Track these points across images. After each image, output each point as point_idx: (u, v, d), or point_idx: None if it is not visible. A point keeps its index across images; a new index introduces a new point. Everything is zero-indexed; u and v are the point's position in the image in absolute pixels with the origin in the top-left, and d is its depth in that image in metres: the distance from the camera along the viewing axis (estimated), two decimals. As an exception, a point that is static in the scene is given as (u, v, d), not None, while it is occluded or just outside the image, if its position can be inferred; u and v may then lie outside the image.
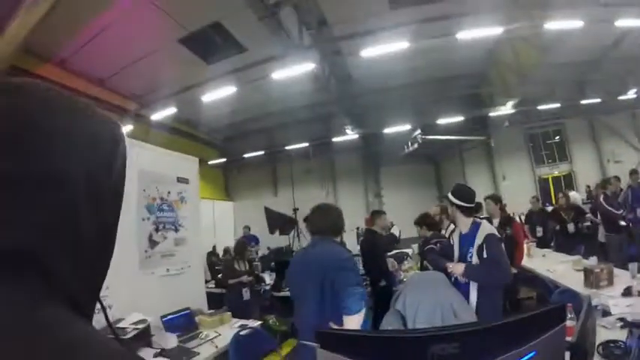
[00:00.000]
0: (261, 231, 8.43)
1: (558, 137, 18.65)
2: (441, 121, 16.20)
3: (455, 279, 3.44)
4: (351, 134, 16.74)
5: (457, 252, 3.55)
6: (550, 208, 8.92)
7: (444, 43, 11.98)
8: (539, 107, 16.58)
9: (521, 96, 14.72)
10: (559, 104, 16.27)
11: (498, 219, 5.79)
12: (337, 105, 13.93)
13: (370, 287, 5.84)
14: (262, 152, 19.83)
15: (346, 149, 19.54)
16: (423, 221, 5.64)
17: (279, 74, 11.19)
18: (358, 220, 13.18)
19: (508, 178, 17.99)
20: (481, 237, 3.30)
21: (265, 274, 8.22)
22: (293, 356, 4.45)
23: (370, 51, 10.90)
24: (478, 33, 10.72)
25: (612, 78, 15.04)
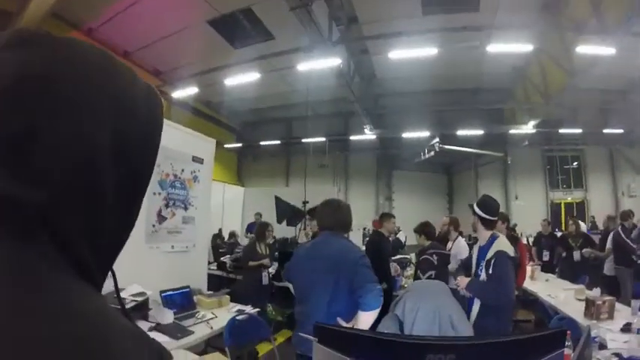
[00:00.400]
0: (268, 219, 8.46)
1: (576, 163, 18.42)
2: (460, 132, 16.14)
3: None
4: (369, 134, 16.69)
5: (474, 264, 3.52)
6: (559, 234, 8.82)
7: (473, 54, 11.91)
8: (560, 130, 16.41)
9: (543, 117, 14.56)
10: (580, 130, 16.07)
11: None
12: (359, 103, 13.89)
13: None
14: (279, 142, 19.96)
15: (362, 148, 19.58)
16: (422, 230, 5.44)
17: (304, 66, 11.20)
18: (366, 221, 13.18)
19: (520, 198, 17.76)
20: (492, 252, 3.24)
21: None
22: (286, 347, 4.48)
23: (398, 53, 10.89)
24: (508, 48, 10.64)
25: (637, 110, 14.80)
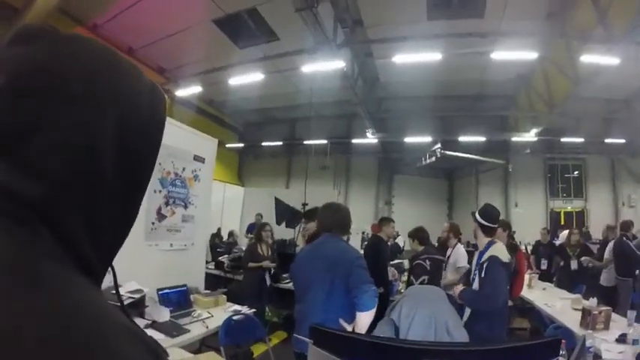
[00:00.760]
0: (268, 220, 8.47)
1: (577, 172, 18.36)
2: (463, 139, 16.16)
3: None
4: (371, 138, 16.68)
5: (473, 270, 3.60)
6: (558, 243, 8.80)
7: (477, 61, 11.91)
8: (562, 139, 16.39)
9: (546, 125, 14.53)
10: (582, 139, 16.06)
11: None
12: (362, 106, 13.88)
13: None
14: (280, 142, 19.96)
15: (364, 152, 19.50)
16: (416, 235, 5.41)
17: (308, 68, 11.20)
18: (365, 224, 13.14)
19: (520, 206, 17.73)
20: (486, 257, 3.32)
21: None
22: (281, 348, 4.47)
23: (402, 57, 10.90)
24: (512, 55, 10.64)
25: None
